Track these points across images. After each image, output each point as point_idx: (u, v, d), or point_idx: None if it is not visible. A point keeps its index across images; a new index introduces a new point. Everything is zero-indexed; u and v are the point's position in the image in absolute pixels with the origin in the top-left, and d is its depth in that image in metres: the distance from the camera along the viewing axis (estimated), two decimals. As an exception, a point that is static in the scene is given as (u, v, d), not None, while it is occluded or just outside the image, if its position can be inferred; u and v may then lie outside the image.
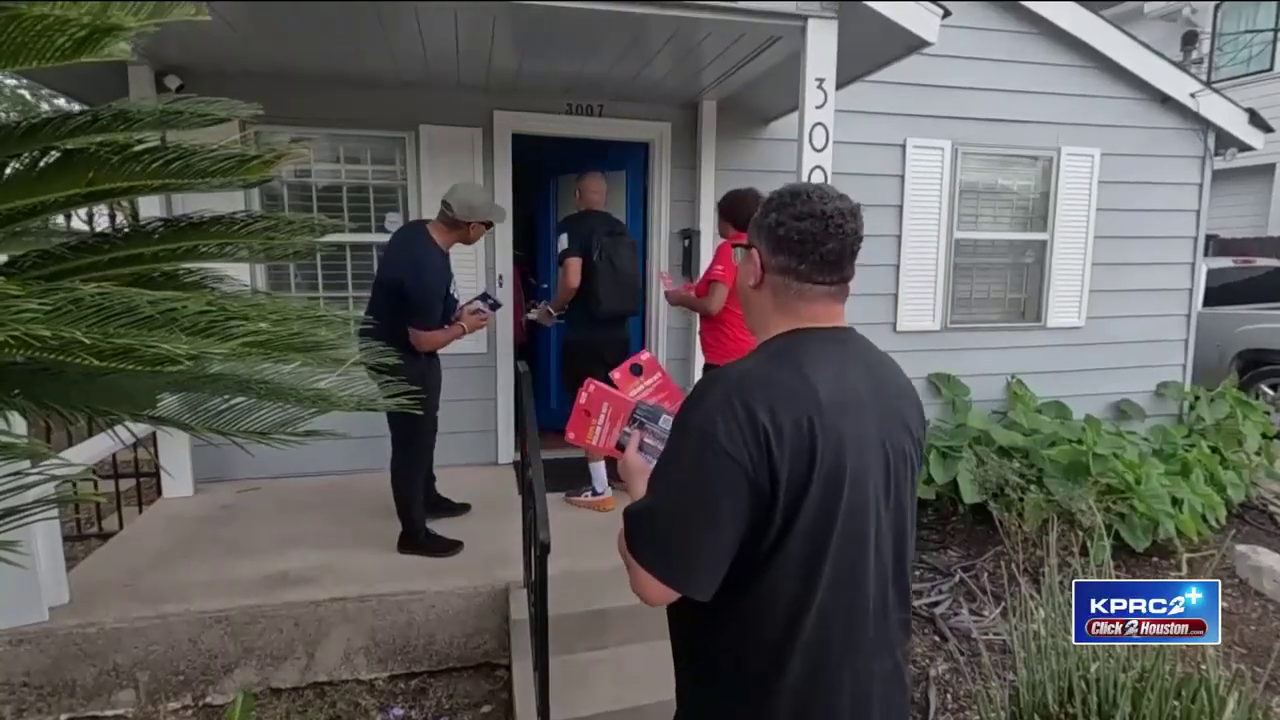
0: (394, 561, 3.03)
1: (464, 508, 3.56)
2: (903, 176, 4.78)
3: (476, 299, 3.20)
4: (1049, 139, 5.00)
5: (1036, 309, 5.21)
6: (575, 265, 3.47)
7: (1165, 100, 5.11)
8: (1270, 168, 10.05)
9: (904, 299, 4.88)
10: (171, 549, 3.15)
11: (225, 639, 2.64)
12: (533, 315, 3.87)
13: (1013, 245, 5.18)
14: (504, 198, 4.26)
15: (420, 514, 3.13)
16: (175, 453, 3.79)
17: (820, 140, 3.00)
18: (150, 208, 3.32)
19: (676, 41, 3.33)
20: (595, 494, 3.68)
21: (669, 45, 3.38)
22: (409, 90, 4.03)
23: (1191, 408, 5.41)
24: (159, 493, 3.89)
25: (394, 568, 2.97)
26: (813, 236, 1.02)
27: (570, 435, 1.21)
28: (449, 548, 3.12)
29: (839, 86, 3.12)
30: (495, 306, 3.25)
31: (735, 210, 3.31)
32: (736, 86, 4.04)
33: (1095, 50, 4.91)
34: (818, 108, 2.98)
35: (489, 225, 3.14)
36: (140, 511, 3.84)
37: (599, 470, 3.69)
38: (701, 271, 3.93)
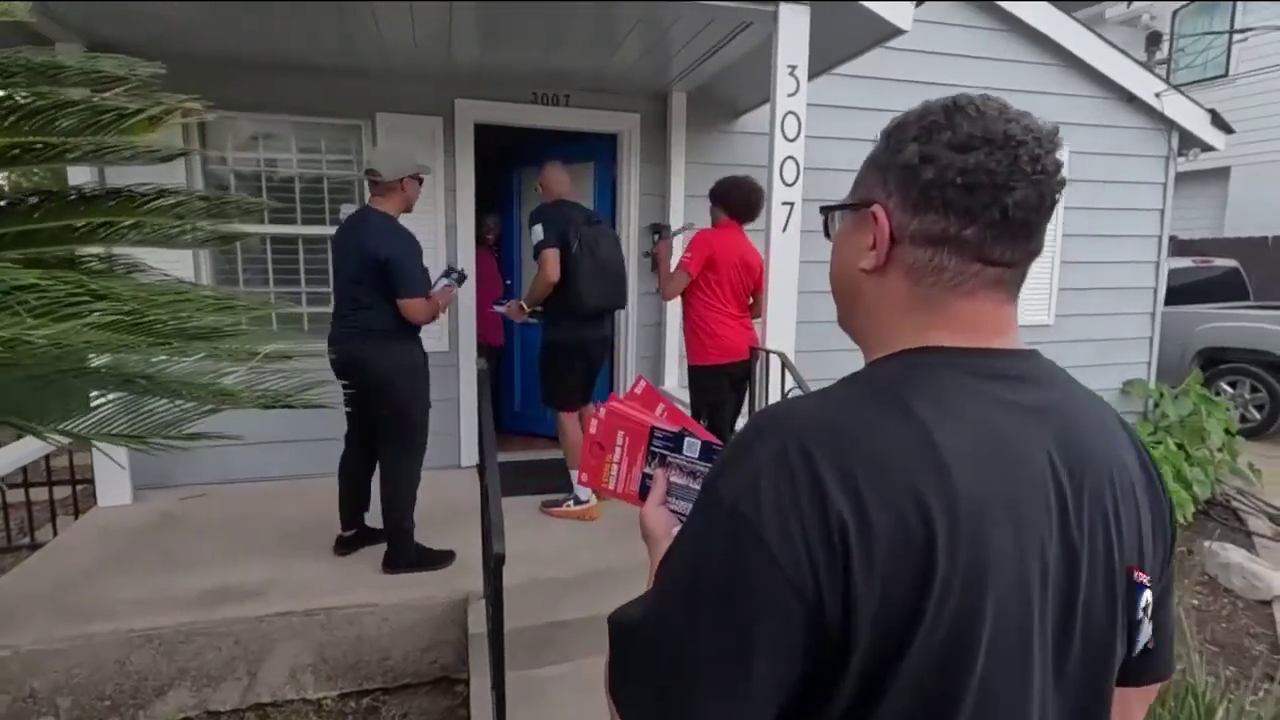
0: (347, 572, 2.86)
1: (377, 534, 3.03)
2: (874, 172, 4.73)
3: (441, 276, 3.07)
4: (1018, 136, 4.99)
5: (1006, 307, 5.20)
6: (554, 257, 3.21)
7: (1131, 99, 5.15)
8: (1225, 171, 10.31)
9: (876, 296, 4.83)
10: (102, 562, 2.93)
11: (157, 659, 2.44)
12: (501, 309, 3.70)
13: (983, 243, 5.16)
14: (466, 191, 4.10)
15: (411, 526, 2.90)
16: (111, 457, 3.55)
17: (792, 129, 2.91)
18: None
19: (644, 27, 3.21)
20: (579, 502, 3.47)
21: (636, 31, 3.26)
22: (365, 77, 3.84)
23: (1156, 405, 5.46)
24: (95, 500, 3.65)
25: (346, 579, 2.80)
26: (990, 177, 0.58)
27: (582, 477, 0.91)
28: (442, 559, 2.90)
29: (811, 76, 3.03)
30: (462, 279, 3.12)
31: (729, 196, 3.19)
32: (707, 76, 3.94)
33: (1063, 48, 4.92)
34: (790, 95, 2.88)
35: (421, 181, 2.93)
36: (77, 519, 3.59)
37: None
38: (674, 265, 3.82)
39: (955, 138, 0.60)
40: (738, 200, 3.13)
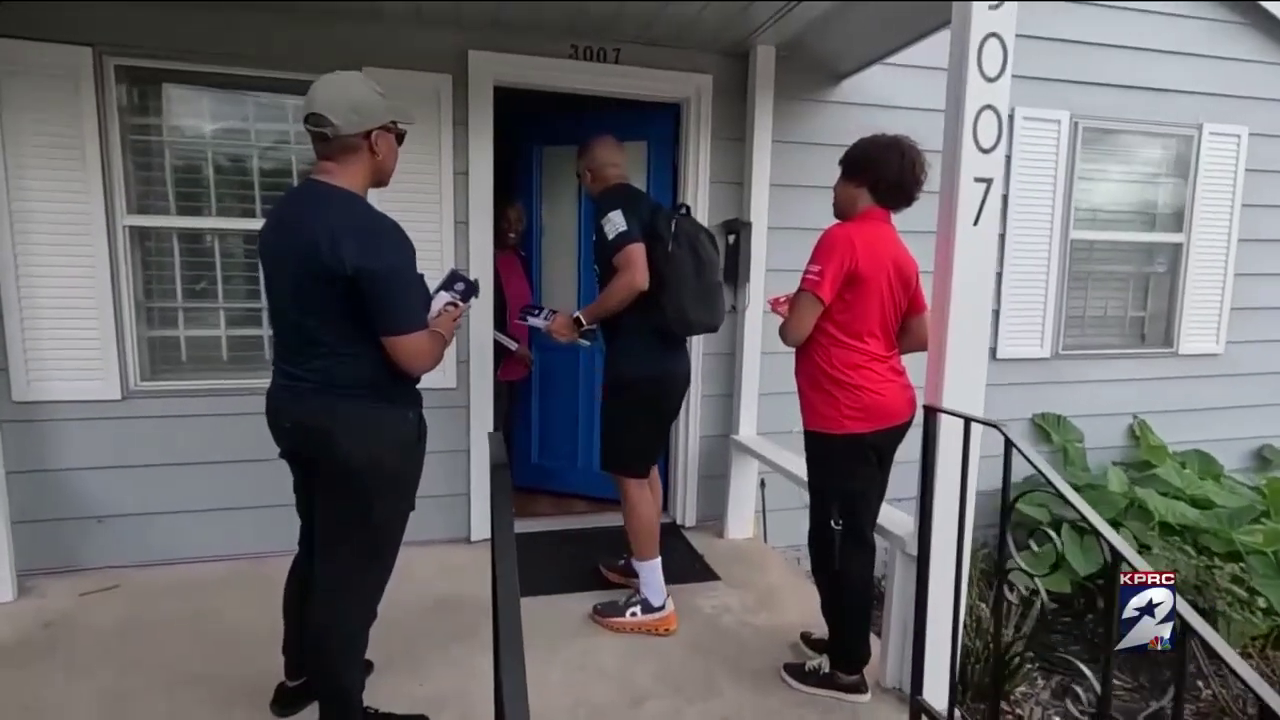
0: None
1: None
2: (1009, 156, 3.66)
3: (440, 288, 1.90)
4: (1188, 113, 3.91)
5: (1165, 331, 4.10)
6: (642, 254, 2.24)
7: (1327, 68, 4.06)
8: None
9: (1006, 318, 3.75)
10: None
11: None
12: (538, 322, 2.59)
13: (1139, 249, 4.08)
14: (483, 174, 3.07)
15: (357, 683, 1.82)
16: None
17: (995, 63, 1.85)
18: None
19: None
20: (652, 610, 2.41)
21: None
22: (346, 20, 2.84)
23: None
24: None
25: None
26: None
27: None
28: None
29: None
30: (470, 292, 1.93)
31: (879, 167, 1.98)
32: (804, 23, 2.90)
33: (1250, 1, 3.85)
34: (992, 8, 1.83)
35: (401, 137, 1.79)
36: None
37: (653, 572, 2.41)
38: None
39: None
40: (893, 174, 1.97)
